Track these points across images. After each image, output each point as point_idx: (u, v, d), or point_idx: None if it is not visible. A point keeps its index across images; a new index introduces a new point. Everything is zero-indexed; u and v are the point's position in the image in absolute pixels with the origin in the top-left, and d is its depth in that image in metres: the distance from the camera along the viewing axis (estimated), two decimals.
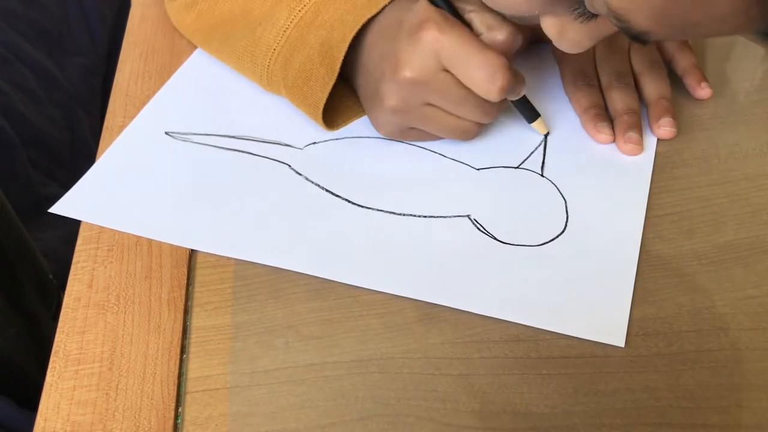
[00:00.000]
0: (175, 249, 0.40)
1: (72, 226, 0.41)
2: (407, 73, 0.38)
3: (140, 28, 0.58)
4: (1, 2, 1.01)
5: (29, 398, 0.58)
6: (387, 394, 0.33)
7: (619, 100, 0.45)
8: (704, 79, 0.47)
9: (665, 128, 0.44)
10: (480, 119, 0.42)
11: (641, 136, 0.44)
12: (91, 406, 0.33)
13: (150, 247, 0.40)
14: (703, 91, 0.47)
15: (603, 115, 0.45)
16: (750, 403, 0.32)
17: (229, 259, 0.39)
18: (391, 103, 0.40)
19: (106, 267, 0.39)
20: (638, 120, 0.44)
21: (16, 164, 0.87)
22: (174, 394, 0.33)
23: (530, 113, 0.44)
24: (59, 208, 0.42)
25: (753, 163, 0.43)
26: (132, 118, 0.49)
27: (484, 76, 0.38)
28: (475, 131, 0.43)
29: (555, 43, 0.36)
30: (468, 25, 0.40)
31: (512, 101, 0.43)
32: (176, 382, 0.34)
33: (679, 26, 0.28)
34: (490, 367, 0.33)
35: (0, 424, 0.64)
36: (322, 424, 0.32)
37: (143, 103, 0.50)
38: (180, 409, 0.33)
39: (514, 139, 0.45)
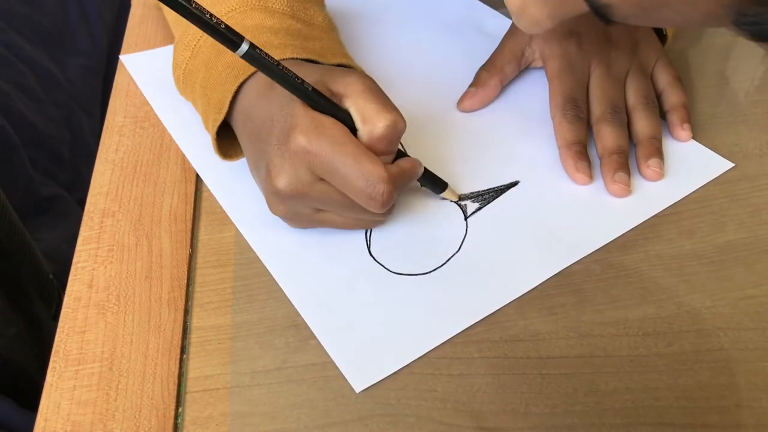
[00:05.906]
0: (175, 249, 0.40)
1: (72, 226, 0.41)
2: (281, 185, 0.35)
3: (140, 28, 0.58)
4: (1, 2, 1.01)
5: (29, 398, 0.58)
6: (387, 394, 0.33)
7: (610, 137, 0.43)
8: (687, 120, 0.45)
9: (653, 169, 0.42)
10: (375, 217, 0.38)
11: (629, 177, 0.42)
12: (91, 406, 0.33)
13: (150, 247, 0.40)
14: (684, 133, 0.45)
15: (584, 153, 0.43)
16: (750, 403, 0.32)
17: (229, 259, 0.39)
18: (278, 212, 0.38)
19: (106, 267, 0.39)
20: (627, 160, 0.42)
21: (16, 164, 0.87)
22: (174, 394, 0.33)
23: (437, 186, 0.41)
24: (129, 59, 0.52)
25: (753, 163, 0.43)
26: (132, 117, 0.49)
27: (362, 187, 0.34)
28: (378, 219, 0.39)
29: (515, 20, 0.32)
30: (348, 116, 0.36)
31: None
32: (176, 382, 0.34)
33: (646, 3, 0.26)
34: (490, 367, 0.33)
35: (0, 424, 0.64)
36: (322, 424, 0.32)
37: (143, 103, 0.50)
38: (180, 409, 0.33)
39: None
